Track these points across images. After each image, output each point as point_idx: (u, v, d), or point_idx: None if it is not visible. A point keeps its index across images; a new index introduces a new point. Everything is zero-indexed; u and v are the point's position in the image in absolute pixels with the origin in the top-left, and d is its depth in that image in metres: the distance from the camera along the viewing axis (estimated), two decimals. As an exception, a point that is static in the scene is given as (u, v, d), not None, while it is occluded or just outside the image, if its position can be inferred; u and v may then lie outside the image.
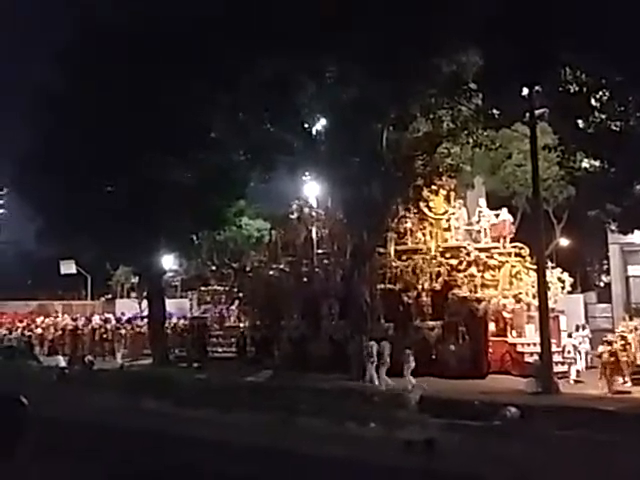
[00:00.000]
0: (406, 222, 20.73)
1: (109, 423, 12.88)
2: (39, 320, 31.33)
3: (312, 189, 23.14)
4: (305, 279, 21.67)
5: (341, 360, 18.03)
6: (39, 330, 28.65)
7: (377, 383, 16.36)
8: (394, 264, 20.01)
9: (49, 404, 13.26)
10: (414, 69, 16.15)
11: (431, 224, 20.83)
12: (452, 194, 21.25)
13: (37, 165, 19.88)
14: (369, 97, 16.98)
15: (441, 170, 19.16)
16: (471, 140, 17.67)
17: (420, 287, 19.31)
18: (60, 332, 27.56)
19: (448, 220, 21.10)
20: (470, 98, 17.02)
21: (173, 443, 11.38)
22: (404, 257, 20.13)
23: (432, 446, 9.35)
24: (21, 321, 32.16)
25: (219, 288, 26.89)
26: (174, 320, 26.35)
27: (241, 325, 24.17)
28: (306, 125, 19.25)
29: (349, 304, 19.24)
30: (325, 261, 21.61)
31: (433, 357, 18.32)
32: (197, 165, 20.26)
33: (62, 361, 20.50)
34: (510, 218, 21.74)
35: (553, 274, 20.27)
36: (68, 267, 36.63)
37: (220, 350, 24.09)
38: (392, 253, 20.22)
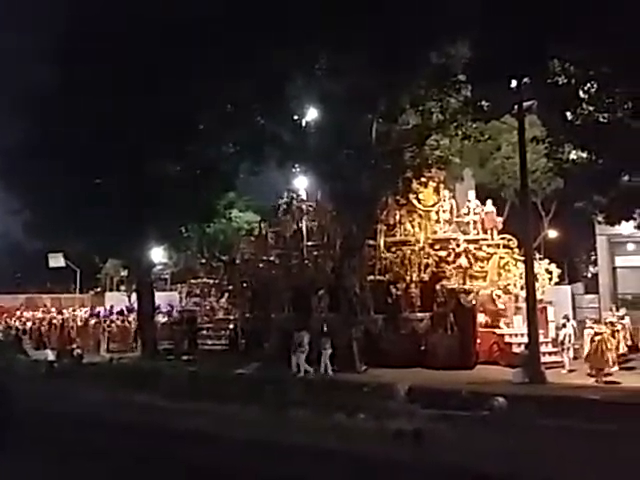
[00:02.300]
0: (395, 214, 20.80)
1: (98, 416, 12.84)
2: (27, 314, 31.20)
3: (302, 181, 23.09)
4: (295, 271, 21.67)
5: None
6: (28, 324, 28.51)
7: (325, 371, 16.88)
8: (384, 256, 20.09)
9: (37, 398, 13.23)
10: (404, 61, 16.12)
11: (420, 216, 20.93)
12: (441, 186, 21.32)
13: (23, 157, 19.67)
14: (359, 89, 16.94)
15: (430, 162, 19.19)
16: (460, 132, 17.70)
17: (409, 279, 19.40)
18: (48, 326, 27.43)
19: (437, 212, 21.21)
20: (459, 90, 17.06)
21: (165, 436, 11.38)
22: (393, 249, 20.21)
23: (420, 436, 9.43)
24: (9, 315, 32.00)
25: (209, 281, 26.79)
26: (163, 313, 26.27)
27: (231, 318, 24.13)
28: (296, 117, 19.18)
29: (339, 296, 19.27)
30: (315, 253, 21.60)
31: (422, 348, 18.41)
32: (186, 157, 20.15)
33: (51, 355, 20.38)
34: (494, 210, 21.81)
35: (541, 265, 20.41)
36: (56, 260, 36.35)
37: (210, 343, 24.03)
38: (382, 245, 20.28)
